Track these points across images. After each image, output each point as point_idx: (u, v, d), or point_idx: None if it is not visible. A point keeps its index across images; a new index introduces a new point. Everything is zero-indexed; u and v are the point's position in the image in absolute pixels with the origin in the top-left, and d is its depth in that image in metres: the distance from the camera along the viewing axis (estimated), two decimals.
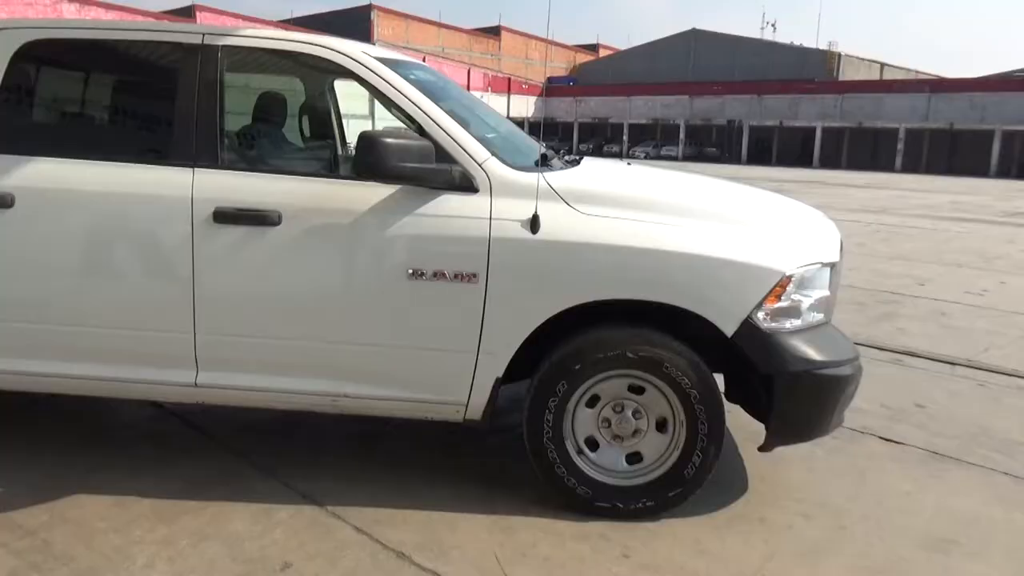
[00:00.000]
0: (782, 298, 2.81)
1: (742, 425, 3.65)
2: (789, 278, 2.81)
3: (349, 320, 2.90)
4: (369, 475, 3.25)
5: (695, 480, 2.92)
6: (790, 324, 2.85)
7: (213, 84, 2.98)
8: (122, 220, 2.93)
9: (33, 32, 3.08)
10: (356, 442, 3.63)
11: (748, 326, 2.78)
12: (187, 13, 50.25)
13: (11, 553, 2.61)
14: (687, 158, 53.92)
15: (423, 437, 3.66)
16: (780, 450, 3.24)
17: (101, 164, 2.96)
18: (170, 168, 2.94)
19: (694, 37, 67.98)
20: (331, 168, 3.85)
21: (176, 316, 2.93)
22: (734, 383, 3.25)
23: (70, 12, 37.93)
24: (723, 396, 2.99)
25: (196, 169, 2.92)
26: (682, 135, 58.22)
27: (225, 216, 2.86)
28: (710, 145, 59.34)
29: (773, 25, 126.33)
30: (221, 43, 3.02)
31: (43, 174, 2.94)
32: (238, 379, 3.01)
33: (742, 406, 3.23)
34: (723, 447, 2.93)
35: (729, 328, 2.79)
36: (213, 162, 2.94)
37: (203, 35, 3.03)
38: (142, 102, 3.30)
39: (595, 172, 3.45)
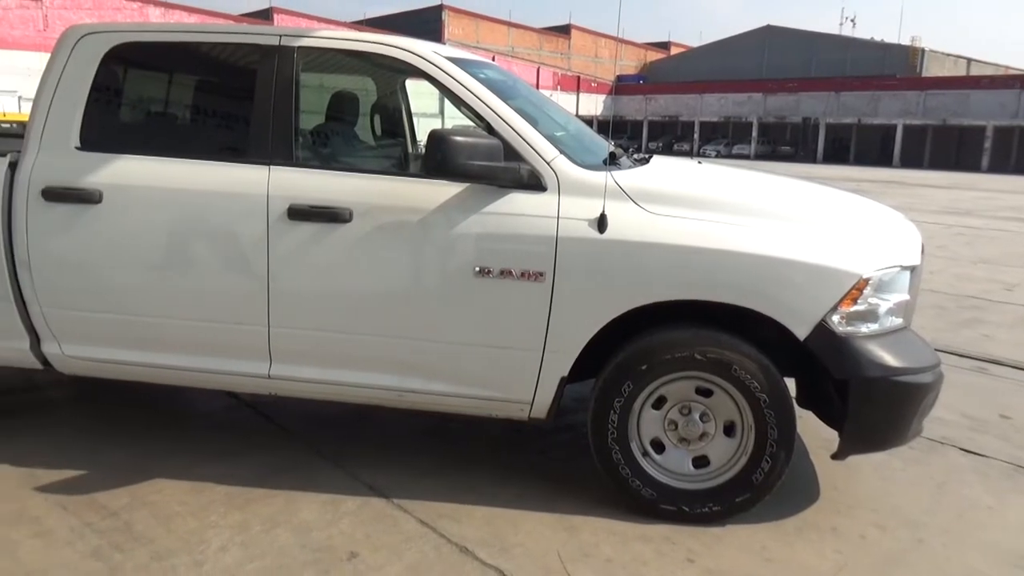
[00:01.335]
0: (858, 301, 2.72)
1: (814, 431, 3.55)
2: (866, 281, 2.73)
3: (416, 316, 2.93)
4: (434, 469, 3.29)
5: (764, 486, 2.85)
6: (866, 328, 2.76)
7: (289, 84, 3.05)
8: (202, 216, 3.03)
9: (120, 36, 3.21)
10: (422, 437, 3.67)
11: (822, 330, 2.70)
12: (265, 15, 51.71)
13: (95, 532, 2.74)
14: (760, 157, 52.75)
15: (488, 434, 3.68)
16: (854, 459, 3.14)
17: (183, 162, 3.07)
18: (247, 166, 3.02)
19: (768, 33, 66.42)
20: (401, 166, 3.91)
21: (251, 309, 3.02)
22: (806, 388, 3.16)
23: (155, 16, 39.48)
24: (794, 401, 2.91)
25: (272, 167, 3.00)
26: (755, 133, 56.96)
27: (299, 213, 2.93)
28: (784, 143, 57.92)
29: (852, 20, 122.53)
30: (297, 44, 3.09)
31: (129, 172, 3.07)
32: (308, 372, 3.08)
33: (815, 412, 3.15)
34: (794, 453, 2.86)
35: (801, 331, 2.72)
36: (288, 160, 3.02)
37: (280, 37, 3.11)
38: (221, 102, 3.41)
39: (664, 171, 3.41)
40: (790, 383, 2.96)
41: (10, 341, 3.24)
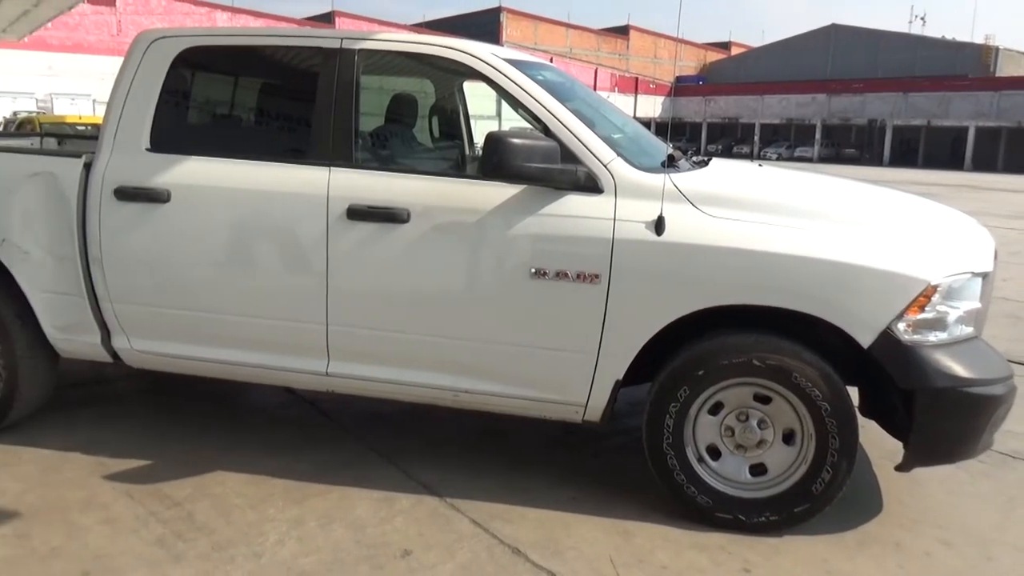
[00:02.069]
0: (926, 309, 2.64)
1: (877, 442, 3.45)
2: (934, 288, 2.64)
3: (471, 317, 2.95)
4: (488, 470, 3.30)
5: (824, 497, 2.78)
6: (934, 337, 2.67)
7: (350, 86, 3.10)
8: (264, 216, 3.10)
9: (189, 40, 3.31)
10: (476, 437, 3.69)
11: (887, 337, 2.62)
12: (327, 19, 52.77)
13: (160, 521, 2.82)
14: (823, 159, 51.54)
15: (542, 435, 3.68)
16: (919, 471, 3.04)
17: (246, 163, 3.15)
18: (308, 167, 3.08)
19: (833, 32, 64.83)
20: (459, 168, 3.93)
21: (311, 308, 3.07)
22: (870, 397, 3.07)
23: (222, 20, 40.66)
24: (857, 410, 2.83)
25: (332, 168, 3.05)
26: (818, 135, 55.65)
27: (357, 213, 2.97)
28: (849, 146, 56.43)
29: (922, 19, 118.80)
30: (358, 47, 3.14)
31: (195, 172, 3.16)
32: (365, 370, 3.12)
33: (878, 422, 3.06)
34: (856, 464, 2.78)
35: (865, 339, 2.64)
36: (348, 161, 3.07)
37: (341, 40, 3.17)
38: (284, 104, 3.49)
39: (723, 173, 3.35)
40: (852, 392, 2.88)
41: (83, 335, 3.37)
